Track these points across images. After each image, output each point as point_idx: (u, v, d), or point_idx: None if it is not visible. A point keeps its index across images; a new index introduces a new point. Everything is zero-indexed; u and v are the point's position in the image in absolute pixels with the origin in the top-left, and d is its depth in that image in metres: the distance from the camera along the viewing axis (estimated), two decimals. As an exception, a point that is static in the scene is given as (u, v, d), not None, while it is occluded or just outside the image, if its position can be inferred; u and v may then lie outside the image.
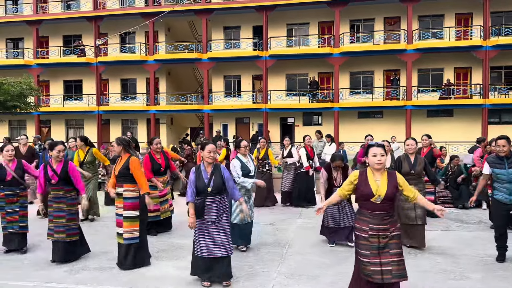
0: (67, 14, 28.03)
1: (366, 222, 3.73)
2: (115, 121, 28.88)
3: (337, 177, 6.44)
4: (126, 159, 5.44)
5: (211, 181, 4.66)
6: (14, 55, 29.83)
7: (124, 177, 5.41)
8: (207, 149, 4.72)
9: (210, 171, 4.71)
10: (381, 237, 3.70)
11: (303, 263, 5.58)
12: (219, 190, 4.69)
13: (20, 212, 6.23)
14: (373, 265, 3.66)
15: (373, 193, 3.69)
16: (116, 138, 5.61)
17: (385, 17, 25.40)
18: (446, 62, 24.47)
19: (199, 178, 4.68)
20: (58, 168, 5.70)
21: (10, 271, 5.46)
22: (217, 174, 4.70)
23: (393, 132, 24.26)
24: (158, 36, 27.97)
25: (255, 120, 27.33)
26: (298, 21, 26.37)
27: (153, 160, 7.11)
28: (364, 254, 3.72)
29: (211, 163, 4.75)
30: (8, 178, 6.14)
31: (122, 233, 5.38)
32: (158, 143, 7.22)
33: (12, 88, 15.22)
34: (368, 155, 3.79)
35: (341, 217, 6.29)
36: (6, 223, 6.18)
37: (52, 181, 5.68)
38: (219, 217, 4.68)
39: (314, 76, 26.14)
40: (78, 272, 5.39)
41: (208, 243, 4.65)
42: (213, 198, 4.67)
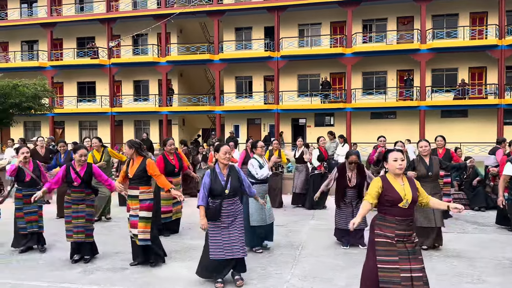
0: (81, 16, 28.38)
1: (392, 228, 3.61)
2: (128, 122, 29.12)
3: (351, 177, 6.27)
4: (142, 162, 5.43)
5: (228, 183, 4.61)
6: (29, 57, 30.28)
7: (140, 179, 5.42)
8: (222, 151, 4.66)
9: (226, 173, 4.67)
10: (406, 243, 3.61)
11: (317, 265, 5.52)
12: (235, 191, 4.67)
13: (38, 212, 6.34)
14: (403, 272, 3.53)
15: (402, 198, 3.61)
16: (128, 141, 5.59)
17: (398, 17, 25.18)
18: (460, 61, 24.14)
19: (215, 181, 4.62)
20: (82, 171, 5.75)
21: (25, 271, 5.51)
22: (233, 175, 4.66)
23: (406, 133, 24.03)
24: (170, 37, 28.13)
25: (266, 121, 27.30)
26: (310, 21, 26.28)
27: (166, 161, 7.13)
28: (391, 260, 3.57)
29: (227, 165, 4.70)
30: (27, 179, 6.24)
31: (137, 233, 5.39)
32: (171, 144, 7.23)
33: (27, 89, 15.43)
34: (387, 160, 3.73)
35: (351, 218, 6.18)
36: (25, 223, 6.23)
37: (75, 183, 5.70)
38: (235, 219, 4.64)
39: (326, 77, 26.01)
40: (92, 272, 5.41)
41: (226, 245, 4.61)
42: (229, 200, 4.63)
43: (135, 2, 28.64)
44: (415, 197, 3.66)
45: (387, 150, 3.79)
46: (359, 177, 6.27)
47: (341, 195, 6.31)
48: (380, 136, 8.95)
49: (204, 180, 4.67)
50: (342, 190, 6.29)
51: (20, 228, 6.28)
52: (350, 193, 6.29)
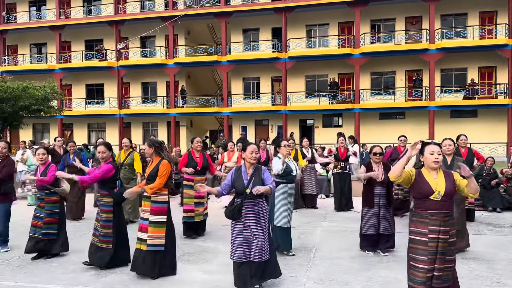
0: (89, 19, 28.52)
1: (425, 224, 3.55)
2: (136, 124, 29.21)
3: (379, 172, 5.97)
4: (158, 162, 5.33)
5: (251, 183, 4.51)
6: (37, 59, 30.49)
7: (154, 180, 5.26)
8: (249, 150, 4.57)
9: (251, 172, 4.57)
10: (440, 241, 3.53)
11: (332, 268, 5.45)
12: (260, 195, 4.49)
13: (45, 219, 6.04)
14: (429, 272, 3.52)
15: (433, 190, 3.55)
16: (148, 140, 5.45)
17: (406, 17, 25.02)
18: (469, 61, 23.93)
19: (238, 178, 4.56)
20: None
21: (39, 273, 5.50)
22: (257, 176, 4.55)
23: (416, 133, 23.82)
24: (178, 39, 28.19)
25: (274, 122, 27.24)
26: (318, 22, 26.20)
27: (191, 157, 7.19)
28: (421, 260, 3.54)
29: (253, 164, 4.61)
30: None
31: (146, 238, 5.11)
32: (198, 141, 7.31)
33: (37, 92, 15.50)
34: (424, 153, 3.67)
35: (380, 223, 5.95)
36: (31, 226, 6.10)
37: None
38: (257, 221, 4.52)
39: (334, 77, 25.90)
40: (106, 275, 5.38)
41: (245, 247, 4.51)
42: (251, 201, 4.51)
43: (143, 4, 28.75)
44: (449, 190, 3.55)
45: (424, 143, 3.72)
46: (385, 172, 5.95)
47: (370, 193, 6.00)
48: (400, 136, 8.78)
49: (228, 175, 4.66)
50: (370, 188, 6.01)
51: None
52: (378, 190, 5.96)
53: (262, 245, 4.48)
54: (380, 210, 5.97)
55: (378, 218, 5.96)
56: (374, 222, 5.95)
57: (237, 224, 4.56)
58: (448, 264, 3.55)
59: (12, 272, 5.56)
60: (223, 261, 5.82)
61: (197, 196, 7.11)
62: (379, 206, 5.98)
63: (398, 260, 5.71)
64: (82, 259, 6.02)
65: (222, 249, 6.46)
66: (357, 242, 6.45)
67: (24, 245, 6.68)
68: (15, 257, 6.24)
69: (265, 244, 4.52)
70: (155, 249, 5.10)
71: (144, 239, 5.14)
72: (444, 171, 3.71)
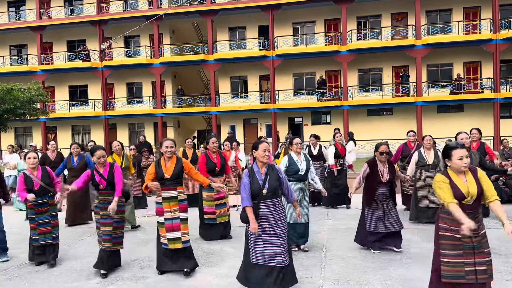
0: (71, 19, 27.85)
1: (457, 222, 3.46)
2: (122, 125, 28.68)
3: (384, 172, 5.77)
4: (178, 161, 5.22)
5: (266, 183, 4.28)
6: (18, 61, 29.67)
7: (178, 179, 5.22)
8: (261, 148, 4.32)
9: (264, 172, 4.34)
10: (473, 237, 3.49)
11: (347, 268, 5.31)
12: (274, 192, 4.30)
13: (52, 222, 5.91)
14: (468, 265, 3.48)
15: (465, 195, 3.50)
16: (170, 140, 5.30)
17: (392, 13, 25.17)
18: (455, 56, 24.22)
19: (253, 180, 4.32)
20: (105, 173, 5.45)
21: (39, 284, 5.22)
22: (272, 174, 4.33)
23: (403, 129, 23.92)
24: (163, 38, 27.78)
25: (263, 121, 27.10)
26: (304, 19, 26.15)
27: (208, 159, 6.97)
28: (456, 255, 3.50)
29: (266, 163, 4.38)
30: (35, 188, 5.81)
31: (180, 236, 5.17)
32: (214, 142, 7.06)
33: (22, 94, 14.99)
34: (451, 157, 3.57)
35: (386, 221, 5.78)
36: (38, 234, 5.81)
37: (101, 186, 5.41)
38: (276, 222, 4.28)
39: (322, 75, 25.89)
40: (112, 283, 5.14)
41: (267, 250, 4.26)
42: (268, 201, 4.28)
43: (126, 3, 28.24)
44: (479, 192, 3.53)
45: (450, 146, 3.59)
46: (390, 172, 5.81)
47: (372, 193, 5.79)
48: (410, 131, 8.61)
49: (244, 181, 4.34)
50: (373, 188, 5.76)
51: (33, 240, 5.89)
52: (382, 190, 5.77)
53: (283, 247, 4.23)
54: (385, 210, 5.78)
55: (384, 217, 5.76)
56: (380, 221, 5.77)
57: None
58: (487, 257, 3.52)
59: (12, 283, 5.27)
60: (232, 263, 5.65)
61: (217, 198, 6.93)
62: (383, 206, 5.78)
63: (413, 257, 5.61)
64: (83, 266, 5.80)
65: (228, 250, 6.29)
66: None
67: (21, 254, 6.43)
68: (12, 266, 5.94)
69: (286, 246, 4.27)
70: (188, 245, 5.26)
71: (178, 237, 5.17)
72: (471, 170, 3.62)
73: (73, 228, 8.32)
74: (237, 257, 5.94)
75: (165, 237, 5.19)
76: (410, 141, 8.45)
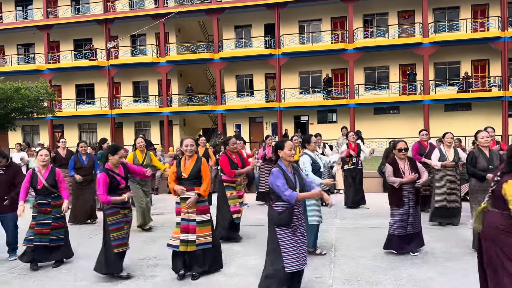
0: (77, 18, 27.94)
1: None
2: (128, 124, 28.75)
3: (404, 169, 5.60)
4: (197, 160, 5.10)
5: (297, 182, 4.17)
6: (25, 60, 29.82)
7: (196, 179, 5.06)
8: (287, 147, 4.15)
9: (291, 170, 4.22)
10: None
11: (357, 267, 5.27)
12: (303, 190, 4.18)
13: (52, 224, 5.72)
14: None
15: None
16: (190, 138, 5.26)
17: (399, 11, 25.01)
18: (463, 54, 24.01)
19: (287, 179, 4.11)
20: (121, 172, 5.35)
21: (49, 282, 5.22)
22: (297, 174, 4.24)
23: (410, 128, 23.90)
24: (169, 37, 27.79)
25: (268, 119, 27.04)
26: (310, 17, 26.05)
27: (230, 160, 6.89)
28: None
29: (291, 162, 4.25)
30: (39, 187, 5.70)
31: (195, 239, 4.98)
32: (234, 143, 6.97)
33: (29, 92, 15.05)
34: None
35: (409, 224, 5.62)
36: (34, 234, 5.63)
37: (121, 185, 5.27)
38: (301, 222, 4.17)
39: (328, 73, 25.78)
40: (120, 281, 5.13)
41: (301, 252, 4.09)
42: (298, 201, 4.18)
43: (132, 2, 28.26)
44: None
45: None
46: (412, 168, 5.63)
47: (398, 192, 5.59)
48: (422, 130, 8.45)
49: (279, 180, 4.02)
50: (398, 188, 5.58)
51: (26, 240, 5.66)
52: (406, 188, 5.58)
53: (305, 249, 4.17)
54: (410, 210, 5.63)
55: (408, 216, 5.63)
56: (404, 222, 5.63)
57: (286, 230, 4.07)
58: None
59: (20, 281, 5.28)
60: (240, 262, 5.64)
61: (240, 196, 6.97)
62: (409, 206, 5.62)
63: (423, 258, 5.56)
64: (92, 265, 5.75)
65: (236, 249, 6.27)
66: (376, 240, 6.33)
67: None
68: (21, 264, 5.93)
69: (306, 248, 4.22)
70: (204, 247, 5.08)
71: (192, 240, 5.01)
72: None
73: (81, 227, 8.33)
74: (245, 255, 5.93)
75: (178, 239, 5.04)
76: (424, 140, 8.33)
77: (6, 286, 5.15)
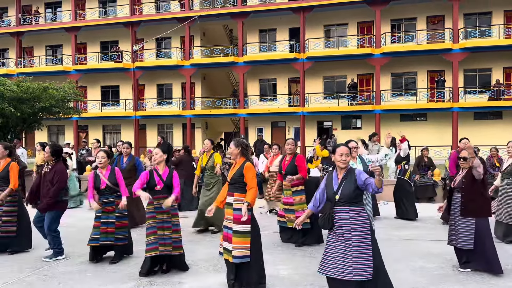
0: (104, 20, 28.34)
1: None
2: (151, 126, 28.94)
3: (459, 176, 5.35)
4: (241, 164, 4.81)
5: (340, 189, 4.00)
6: (53, 61, 30.39)
7: (237, 184, 4.75)
8: (338, 152, 4.04)
9: (341, 176, 4.05)
10: None
11: (396, 282, 4.92)
12: (348, 199, 3.96)
13: (116, 223, 5.84)
14: None
15: None
16: (234, 139, 4.99)
17: (428, 16, 24.44)
18: (494, 61, 23.27)
19: (329, 184, 4.10)
20: (164, 175, 5.35)
21: (72, 285, 5.09)
22: (348, 180, 4.00)
23: (438, 135, 23.29)
24: (193, 40, 27.88)
25: (291, 124, 26.78)
26: (336, 21, 25.73)
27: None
28: None
29: (343, 168, 4.07)
30: (102, 186, 5.85)
31: (231, 249, 4.61)
32: (289, 143, 6.86)
33: (57, 92, 15.22)
34: None
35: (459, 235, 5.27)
36: (100, 233, 5.77)
37: (158, 187, 5.28)
38: (351, 232, 3.91)
39: (353, 78, 25.35)
40: (146, 285, 4.96)
41: (338, 261, 3.92)
42: (342, 208, 3.97)
43: (158, 5, 28.51)
44: None
45: None
46: (466, 178, 5.22)
47: (447, 201, 5.41)
48: (462, 138, 7.96)
49: (321, 184, 4.19)
50: (449, 195, 5.40)
51: (91, 240, 5.81)
52: (455, 197, 5.32)
53: (358, 262, 3.84)
54: (456, 221, 5.28)
55: (456, 229, 5.29)
56: (452, 233, 5.34)
57: (331, 234, 4.06)
58: None
59: (45, 284, 5.16)
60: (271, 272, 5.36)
61: (285, 202, 6.80)
62: (454, 215, 5.32)
63: (467, 274, 5.19)
64: (117, 268, 5.63)
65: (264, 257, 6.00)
66: (411, 252, 6.07)
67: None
68: (46, 265, 5.83)
69: (364, 261, 3.85)
70: (241, 261, 4.60)
71: (229, 250, 4.67)
72: None
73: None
74: (276, 265, 5.66)
75: (221, 246, 4.82)
76: (461, 147, 7.88)
77: (30, 287, 5.04)
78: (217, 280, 5.07)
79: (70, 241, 6.72)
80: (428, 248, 6.22)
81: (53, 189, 5.77)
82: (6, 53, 31.40)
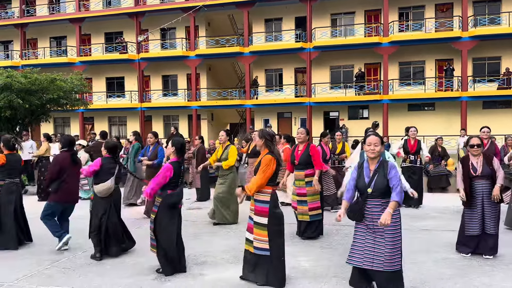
0: (109, 11, 28.12)
1: None
2: (157, 117, 28.85)
3: (477, 166, 5.28)
4: (262, 157, 4.76)
5: (373, 181, 3.91)
6: (57, 53, 30.24)
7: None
8: (367, 142, 3.97)
9: (374, 168, 3.95)
10: None
11: (421, 274, 4.86)
12: (381, 192, 3.88)
13: None
14: None
15: None
16: (259, 130, 4.92)
17: (436, 4, 24.09)
18: (504, 49, 22.95)
19: (360, 175, 3.99)
20: None
21: (93, 277, 5.04)
22: (381, 172, 3.91)
23: (446, 125, 23.08)
24: (198, 31, 27.64)
25: (297, 115, 26.62)
26: (343, 10, 25.41)
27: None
28: None
29: (374, 159, 3.98)
30: None
31: (253, 240, 4.60)
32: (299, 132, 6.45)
33: (65, 84, 15.12)
34: None
35: (485, 222, 5.27)
36: None
37: None
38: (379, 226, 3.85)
39: (361, 68, 25.10)
40: (169, 279, 4.89)
41: (367, 251, 3.90)
42: (375, 201, 3.90)
43: (163, -5, 28.24)
44: None
45: None
46: (487, 164, 5.25)
47: (466, 189, 5.30)
48: (483, 127, 7.75)
49: (352, 174, 4.12)
50: (466, 183, 5.30)
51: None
52: (476, 185, 5.28)
53: (390, 253, 3.82)
54: (485, 208, 5.25)
55: (483, 216, 5.25)
56: (479, 221, 5.27)
57: (360, 225, 4.00)
58: None
59: (65, 276, 5.11)
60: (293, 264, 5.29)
61: (298, 194, 6.43)
62: (483, 203, 5.25)
63: (493, 264, 5.10)
64: (136, 260, 5.58)
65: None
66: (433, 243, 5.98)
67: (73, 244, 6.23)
68: (64, 258, 5.78)
69: (395, 252, 3.85)
70: (260, 253, 4.54)
71: (251, 241, 4.65)
72: None
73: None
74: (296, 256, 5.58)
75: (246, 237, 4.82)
76: (484, 137, 7.73)
77: (50, 279, 4.99)
78: (238, 271, 4.98)
79: (86, 233, 6.64)
80: (449, 238, 6.11)
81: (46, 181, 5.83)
82: (10, 45, 31.27)
